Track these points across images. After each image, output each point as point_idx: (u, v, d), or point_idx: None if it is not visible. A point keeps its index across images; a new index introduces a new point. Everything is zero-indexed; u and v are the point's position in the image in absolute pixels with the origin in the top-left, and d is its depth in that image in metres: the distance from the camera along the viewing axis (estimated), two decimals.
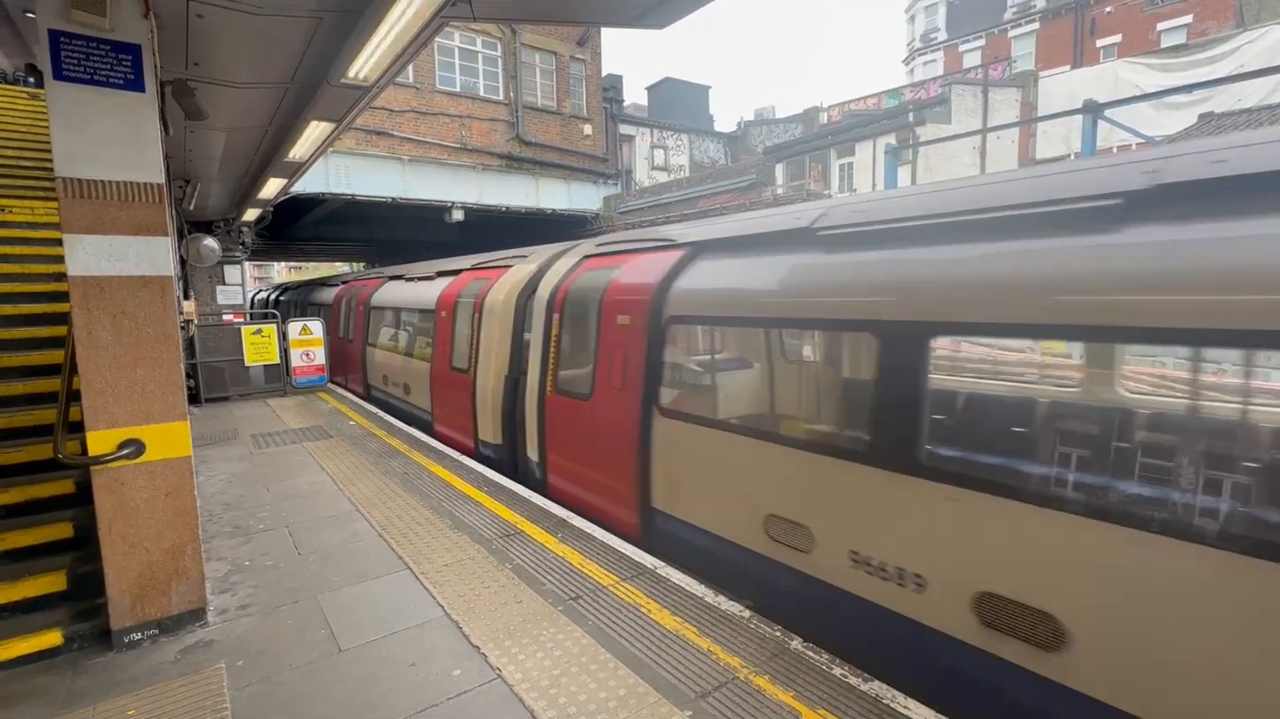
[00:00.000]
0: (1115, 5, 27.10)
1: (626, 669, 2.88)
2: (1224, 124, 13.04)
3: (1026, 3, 30.50)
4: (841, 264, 3.34)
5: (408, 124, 16.02)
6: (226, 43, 4.07)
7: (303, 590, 3.76)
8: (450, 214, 16.99)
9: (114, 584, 3.16)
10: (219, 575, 3.97)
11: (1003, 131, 16.66)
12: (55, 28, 2.94)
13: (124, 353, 3.12)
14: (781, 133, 24.08)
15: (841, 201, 3.78)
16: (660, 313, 4.39)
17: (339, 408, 9.54)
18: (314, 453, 6.88)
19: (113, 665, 3.07)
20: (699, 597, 3.53)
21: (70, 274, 3.00)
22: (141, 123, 3.15)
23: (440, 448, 6.97)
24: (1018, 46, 30.41)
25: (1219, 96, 14.48)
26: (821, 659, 2.92)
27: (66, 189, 2.98)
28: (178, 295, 3.34)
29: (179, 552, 3.33)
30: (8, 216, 6.59)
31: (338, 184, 15.02)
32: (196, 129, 5.92)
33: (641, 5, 4.00)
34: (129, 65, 3.10)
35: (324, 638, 3.25)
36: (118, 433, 3.11)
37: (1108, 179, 2.52)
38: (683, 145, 24.40)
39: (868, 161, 16.28)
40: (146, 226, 3.16)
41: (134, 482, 3.18)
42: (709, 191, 16.89)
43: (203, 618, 3.42)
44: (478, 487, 5.53)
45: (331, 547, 4.38)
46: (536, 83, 18.34)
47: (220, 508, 5.21)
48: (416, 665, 2.98)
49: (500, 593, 3.63)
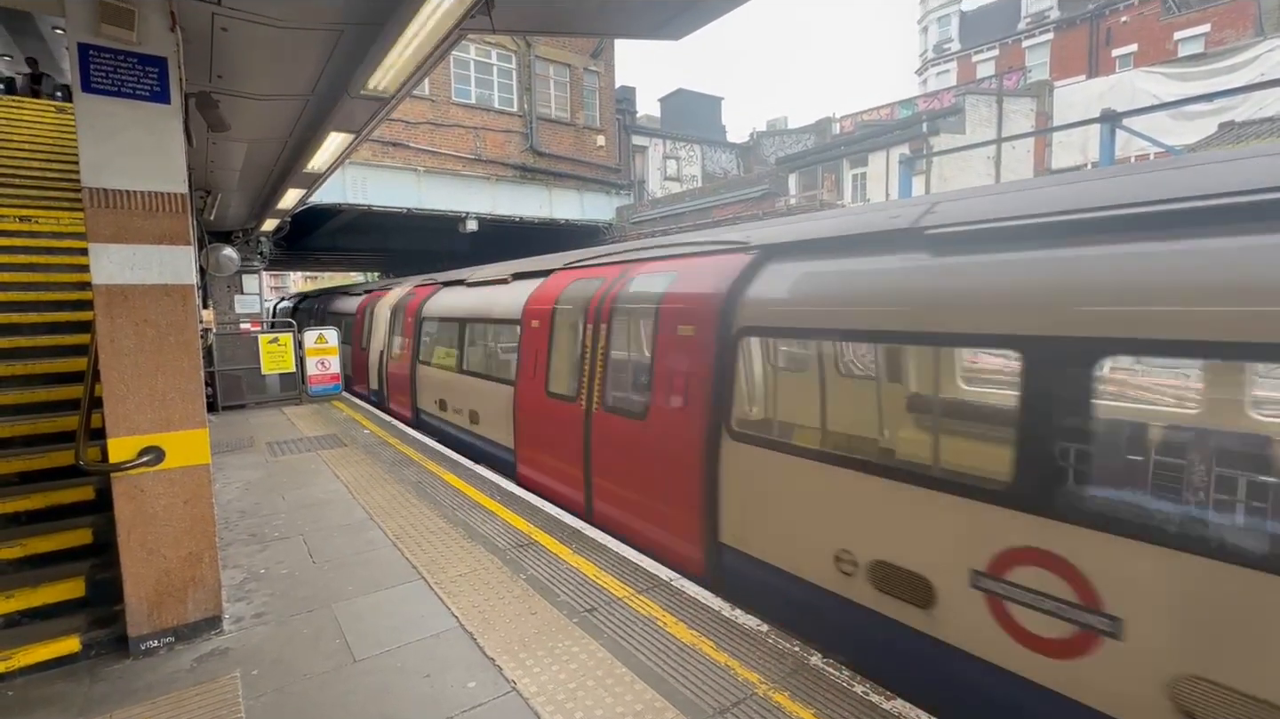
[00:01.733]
0: (1131, 15, 26.96)
1: (643, 683, 2.84)
2: (1245, 133, 12.89)
3: (1041, 13, 30.42)
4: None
5: (423, 136, 16.20)
6: (250, 55, 4.14)
7: (317, 599, 3.76)
8: (464, 224, 17.13)
9: (132, 591, 3.17)
10: (234, 583, 3.98)
11: (1018, 141, 16.56)
12: (85, 41, 2.99)
13: (145, 360, 3.15)
14: (794, 143, 24.09)
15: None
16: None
17: (354, 416, 9.59)
18: (329, 461, 6.91)
19: (129, 673, 3.07)
20: (715, 610, 3.48)
21: (95, 282, 3.04)
22: (166, 134, 3.20)
23: (457, 458, 6.95)
24: (1032, 56, 30.31)
25: (1240, 105, 14.30)
26: (842, 677, 2.85)
27: (93, 199, 3.02)
28: (197, 304, 3.37)
29: (196, 559, 3.34)
30: (34, 226, 6.72)
31: (354, 195, 15.20)
32: (218, 140, 6.02)
33: (659, 16, 4.03)
34: (155, 78, 3.15)
35: (339, 648, 3.23)
36: (138, 440, 3.13)
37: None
38: (695, 156, 24.48)
39: (881, 172, 16.22)
40: (170, 236, 3.19)
41: (153, 488, 3.20)
42: (722, 202, 16.90)
43: (218, 626, 3.42)
44: (491, 496, 5.52)
45: (346, 555, 4.37)
46: (550, 94, 18.51)
47: (236, 515, 5.24)
48: (431, 677, 2.95)
49: (515, 604, 3.60)
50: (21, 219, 6.74)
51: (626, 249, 5.83)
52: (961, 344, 2.84)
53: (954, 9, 34.82)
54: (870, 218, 3.54)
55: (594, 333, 5.21)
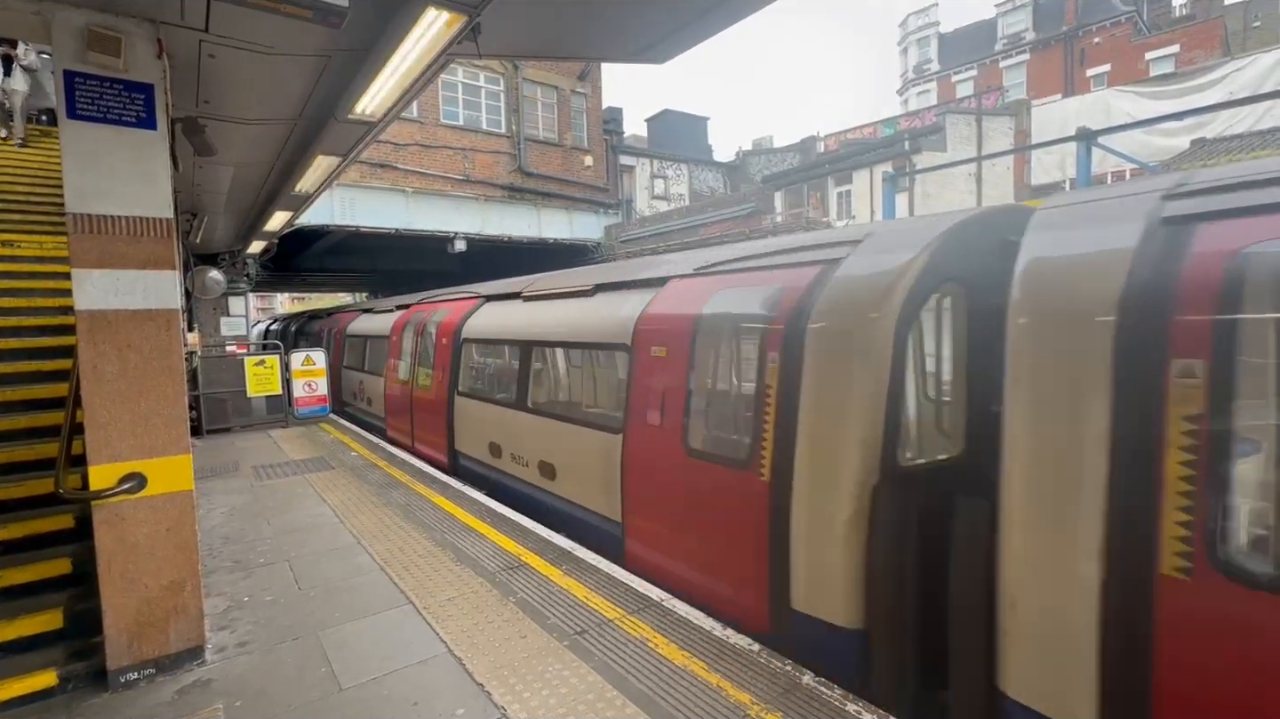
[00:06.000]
0: (1104, 36, 27.77)
1: (635, 707, 2.81)
2: (1216, 149, 13.25)
3: (1016, 34, 31.27)
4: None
5: (412, 157, 16.28)
6: (237, 81, 4.16)
7: (303, 627, 3.69)
8: (453, 244, 17.16)
9: (112, 622, 3.10)
10: (218, 612, 3.90)
11: (998, 159, 16.89)
12: (71, 68, 3.00)
13: (128, 386, 3.12)
14: (779, 162, 24.44)
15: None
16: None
17: (341, 438, 9.49)
18: (315, 485, 6.83)
19: (108, 707, 2.99)
20: (707, 630, 3.45)
21: (78, 308, 3.01)
22: (152, 159, 3.20)
23: (445, 479, 6.88)
24: (1009, 76, 31.09)
25: (1211, 123, 14.71)
26: (834, 695, 2.84)
27: (77, 224, 3.01)
28: (182, 327, 3.35)
29: (178, 588, 3.27)
30: (16, 251, 6.66)
31: (342, 216, 15.20)
32: (205, 164, 6.02)
33: (644, 40, 4.10)
34: (141, 104, 3.16)
35: (324, 676, 3.17)
36: (120, 467, 3.09)
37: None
38: (682, 175, 24.74)
39: (865, 190, 16.47)
40: (155, 261, 3.18)
41: (135, 516, 3.14)
42: (709, 220, 17.07)
43: (201, 656, 3.35)
44: (480, 518, 5.47)
45: (333, 581, 4.31)
46: (538, 116, 18.69)
47: (220, 542, 5.15)
48: (419, 705, 2.90)
49: (504, 628, 3.56)
50: (3, 243, 6.68)
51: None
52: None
53: (932, 31, 35.72)
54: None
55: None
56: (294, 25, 3.19)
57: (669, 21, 3.86)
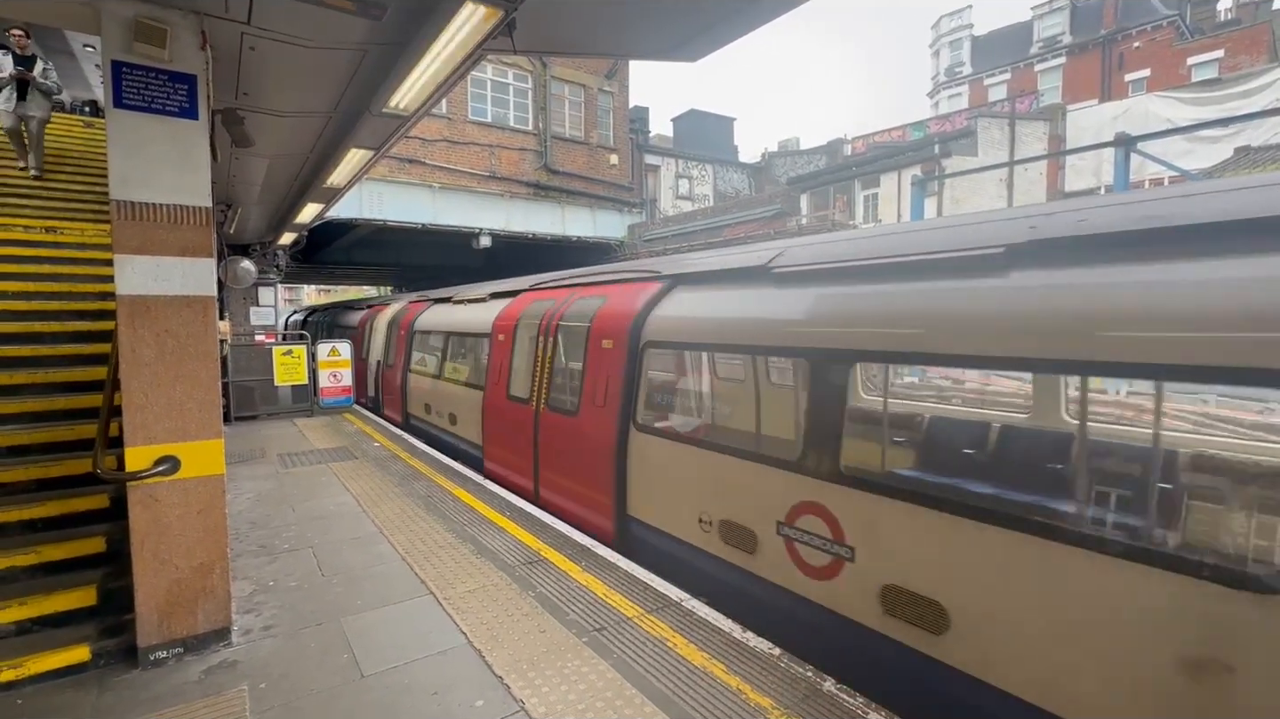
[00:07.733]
0: (1144, 40, 27.05)
1: (653, 706, 2.79)
2: (1260, 157, 12.81)
3: (1053, 37, 30.60)
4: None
5: (439, 153, 16.45)
6: (276, 74, 4.23)
7: (326, 613, 3.74)
8: (478, 240, 17.31)
9: (143, 601, 3.17)
10: (244, 595, 3.97)
11: (1031, 164, 16.56)
12: (118, 59, 3.07)
13: (165, 370, 3.18)
14: (805, 164, 24.23)
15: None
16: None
17: (364, 429, 9.62)
18: (339, 474, 6.92)
19: (137, 684, 3.06)
20: (726, 632, 3.43)
21: (119, 293, 3.08)
22: (193, 149, 3.26)
23: (464, 471, 6.94)
24: (1044, 80, 30.44)
25: (1256, 130, 14.25)
26: (856, 703, 2.79)
27: (120, 211, 3.08)
28: (215, 315, 3.41)
29: (208, 570, 3.34)
30: (59, 238, 6.86)
31: (370, 210, 15.41)
32: (241, 155, 6.14)
33: (676, 38, 4.08)
34: (185, 94, 3.22)
35: (346, 663, 3.21)
36: (155, 449, 3.15)
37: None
38: (707, 175, 24.66)
39: (893, 193, 16.25)
40: (193, 248, 3.25)
41: (168, 498, 3.21)
42: (734, 221, 16.98)
43: (227, 638, 3.41)
44: (501, 512, 5.50)
45: (355, 569, 4.36)
46: (565, 114, 18.77)
47: (246, 526, 5.24)
48: (439, 694, 2.92)
49: (524, 622, 3.57)
50: (47, 230, 6.88)
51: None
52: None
53: (966, 33, 35.12)
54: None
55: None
56: (334, 18, 3.23)
57: (703, 18, 3.84)
